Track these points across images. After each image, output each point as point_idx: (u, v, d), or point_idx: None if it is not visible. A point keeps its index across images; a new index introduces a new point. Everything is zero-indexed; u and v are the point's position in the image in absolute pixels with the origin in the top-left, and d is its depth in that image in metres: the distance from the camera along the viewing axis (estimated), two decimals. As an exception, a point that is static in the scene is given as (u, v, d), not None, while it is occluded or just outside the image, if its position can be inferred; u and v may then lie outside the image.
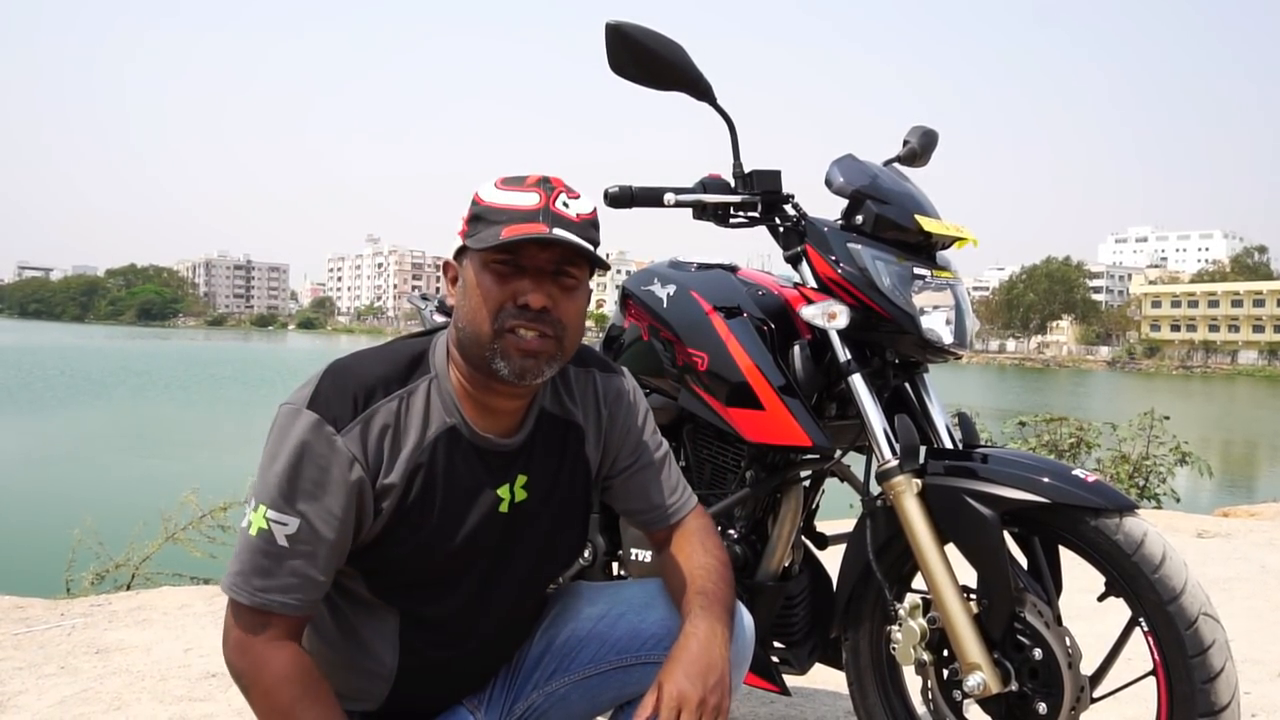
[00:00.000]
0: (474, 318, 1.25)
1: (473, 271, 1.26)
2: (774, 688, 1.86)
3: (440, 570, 1.31)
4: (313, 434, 1.20)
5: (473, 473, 1.31)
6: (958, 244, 1.80)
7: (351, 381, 1.25)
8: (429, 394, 1.29)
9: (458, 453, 1.29)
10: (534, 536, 1.38)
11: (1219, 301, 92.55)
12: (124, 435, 18.08)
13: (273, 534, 1.20)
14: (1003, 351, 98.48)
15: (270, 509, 1.20)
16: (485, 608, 1.36)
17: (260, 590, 1.20)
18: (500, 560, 1.35)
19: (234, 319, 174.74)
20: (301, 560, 1.20)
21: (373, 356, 1.31)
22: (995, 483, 1.54)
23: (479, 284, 1.25)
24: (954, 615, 1.56)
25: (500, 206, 1.25)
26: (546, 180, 1.28)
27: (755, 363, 1.75)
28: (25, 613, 3.29)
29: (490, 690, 1.44)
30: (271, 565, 1.20)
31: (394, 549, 1.27)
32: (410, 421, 1.27)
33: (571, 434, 1.42)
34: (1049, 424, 7.76)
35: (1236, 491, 12.60)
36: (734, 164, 1.81)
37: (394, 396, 1.26)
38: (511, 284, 1.24)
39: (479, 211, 1.26)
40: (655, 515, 1.48)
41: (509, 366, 1.25)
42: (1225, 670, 1.41)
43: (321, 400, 1.22)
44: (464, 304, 1.27)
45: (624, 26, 1.66)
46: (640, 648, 1.40)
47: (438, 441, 1.28)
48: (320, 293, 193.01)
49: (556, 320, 1.26)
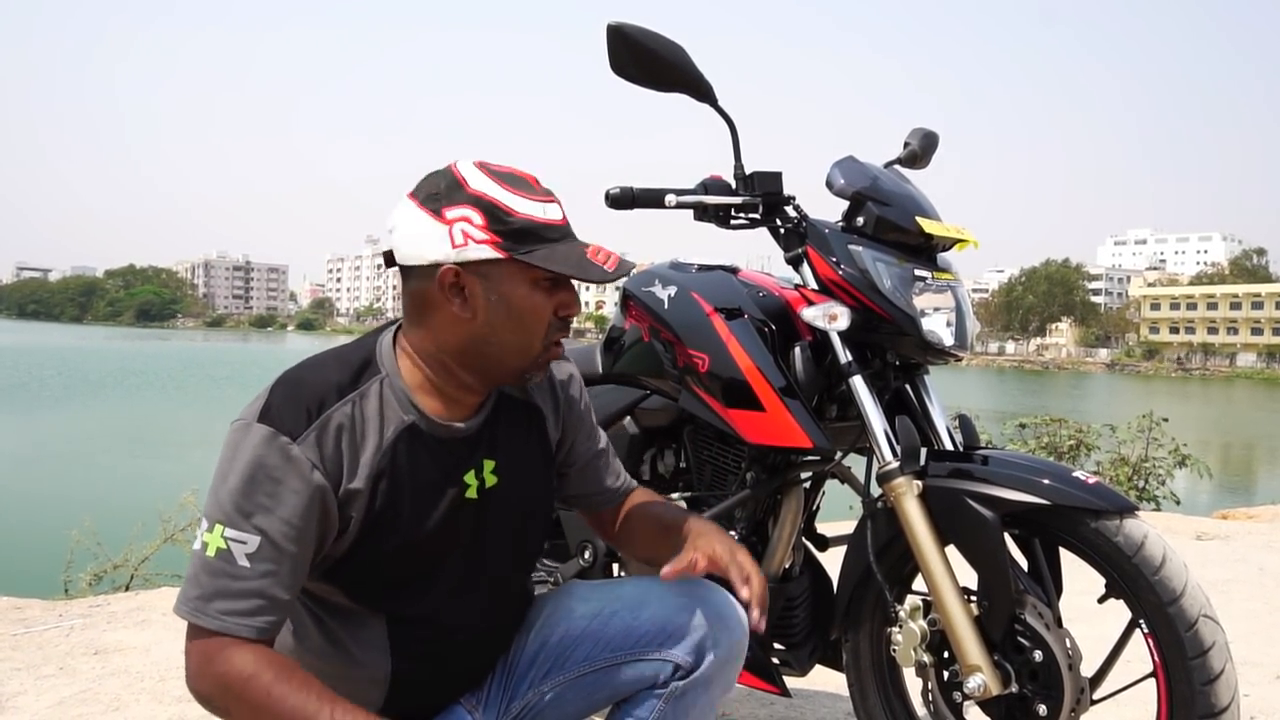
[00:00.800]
0: (524, 335, 1.26)
1: (520, 287, 1.24)
2: (774, 689, 1.86)
3: (418, 567, 1.31)
4: (267, 447, 1.17)
5: (437, 464, 1.30)
6: (958, 246, 1.81)
7: (303, 391, 1.23)
8: (381, 394, 1.28)
9: (419, 448, 1.28)
10: (506, 520, 1.38)
11: (1218, 304, 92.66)
12: (122, 436, 18.07)
13: (232, 554, 1.15)
14: (1002, 354, 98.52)
15: (228, 527, 1.16)
16: (469, 598, 1.36)
17: (224, 614, 1.15)
18: (477, 548, 1.35)
19: (233, 320, 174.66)
20: (264, 580, 1.16)
21: (320, 363, 1.29)
22: (996, 484, 1.54)
23: (531, 301, 1.25)
24: (954, 617, 1.56)
25: (543, 221, 1.24)
26: (542, 187, 1.29)
27: (756, 364, 1.75)
28: (24, 613, 3.29)
29: (487, 690, 1.44)
30: (232, 586, 1.16)
31: (370, 554, 1.26)
32: (367, 424, 1.25)
33: (533, 415, 1.43)
34: (1049, 426, 7.77)
35: (1235, 494, 12.61)
36: (735, 165, 1.81)
37: (346, 400, 1.24)
38: (555, 297, 1.27)
39: (521, 225, 1.22)
40: (606, 497, 1.56)
41: (539, 375, 1.31)
42: (1225, 672, 1.41)
43: (274, 412, 1.20)
44: (504, 322, 1.25)
45: (624, 27, 1.66)
46: (634, 645, 1.40)
47: (398, 441, 1.27)
48: (319, 294, 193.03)
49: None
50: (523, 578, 1.50)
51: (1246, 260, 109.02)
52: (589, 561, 2.13)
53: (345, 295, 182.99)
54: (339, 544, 1.24)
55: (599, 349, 2.14)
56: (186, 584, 1.18)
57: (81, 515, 4.92)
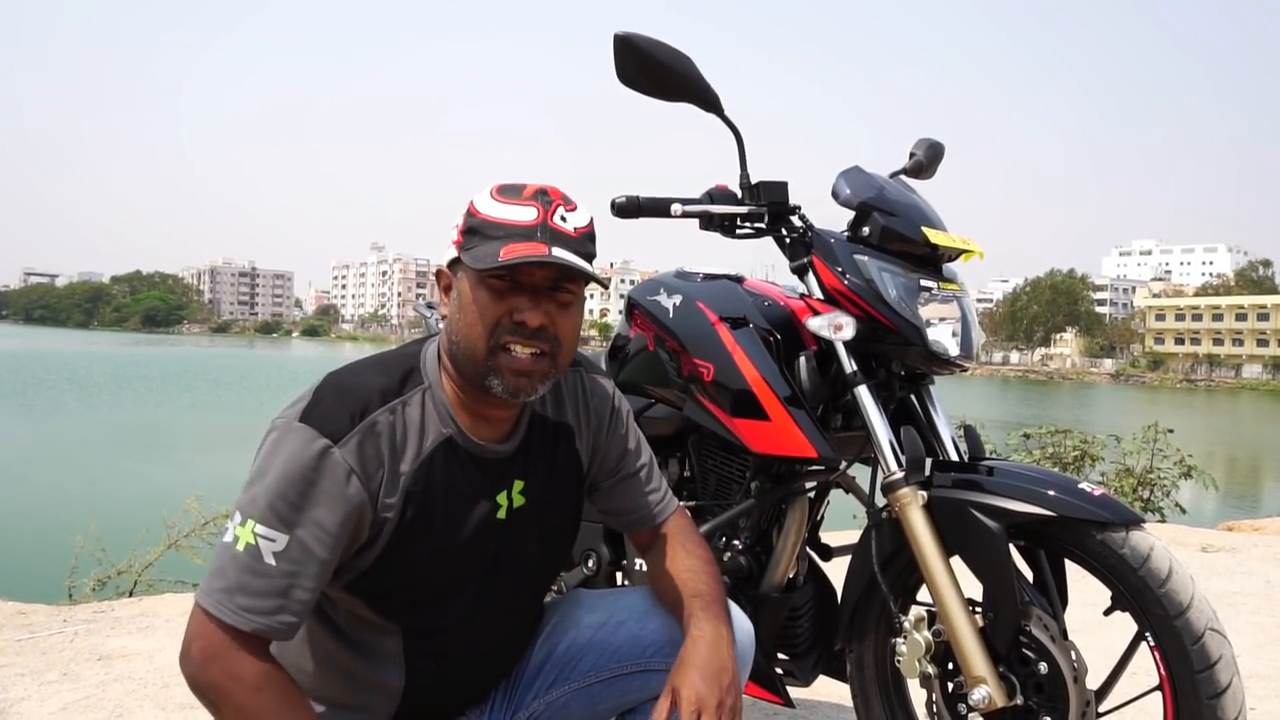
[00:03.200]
0: (469, 334, 1.24)
1: (468, 286, 1.24)
2: (778, 699, 1.85)
3: (441, 582, 1.30)
4: (308, 448, 1.17)
5: (470, 482, 1.30)
6: (964, 256, 1.81)
7: (347, 395, 1.23)
8: (424, 404, 1.28)
9: (455, 462, 1.28)
10: (530, 541, 1.37)
11: (1223, 315, 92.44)
12: (127, 441, 18.10)
13: (260, 550, 1.15)
14: (1006, 364, 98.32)
15: (259, 524, 1.16)
16: (487, 616, 1.36)
17: (243, 610, 1.15)
18: (499, 567, 1.35)
19: (239, 326, 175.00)
20: (287, 580, 1.16)
21: (366, 368, 1.29)
22: (1001, 495, 1.54)
23: (475, 300, 1.23)
24: (959, 628, 1.56)
25: (498, 221, 1.22)
26: (544, 192, 1.25)
27: (761, 373, 1.75)
28: (27, 619, 3.29)
29: (492, 700, 1.44)
30: (256, 583, 1.15)
31: (396, 565, 1.25)
32: (407, 433, 1.25)
33: (562, 434, 1.42)
34: (1054, 436, 7.75)
35: (1241, 506, 12.57)
36: (741, 175, 1.82)
37: (389, 408, 1.24)
38: (508, 301, 1.23)
39: (475, 224, 1.23)
40: (640, 517, 1.50)
41: (502, 384, 1.24)
42: (1232, 686, 1.40)
43: (318, 414, 1.20)
44: (458, 318, 1.25)
45: (632, 38, 1.67)
46: (641, 655, 1.40)
47: (435, 452, 1.27)
48: (325, 300, 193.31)
49: (553, 336, 1.25)
50: (541, 597, 1.49)
51: (1252, 271, 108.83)
52: (593, 570, 2.13)
53: (350, 302, 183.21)
54: (366, 553, 1.24)
55: (604, 358, 2.14)
56: (211, 575, 1.17)
57: (86, 520, 4.92)
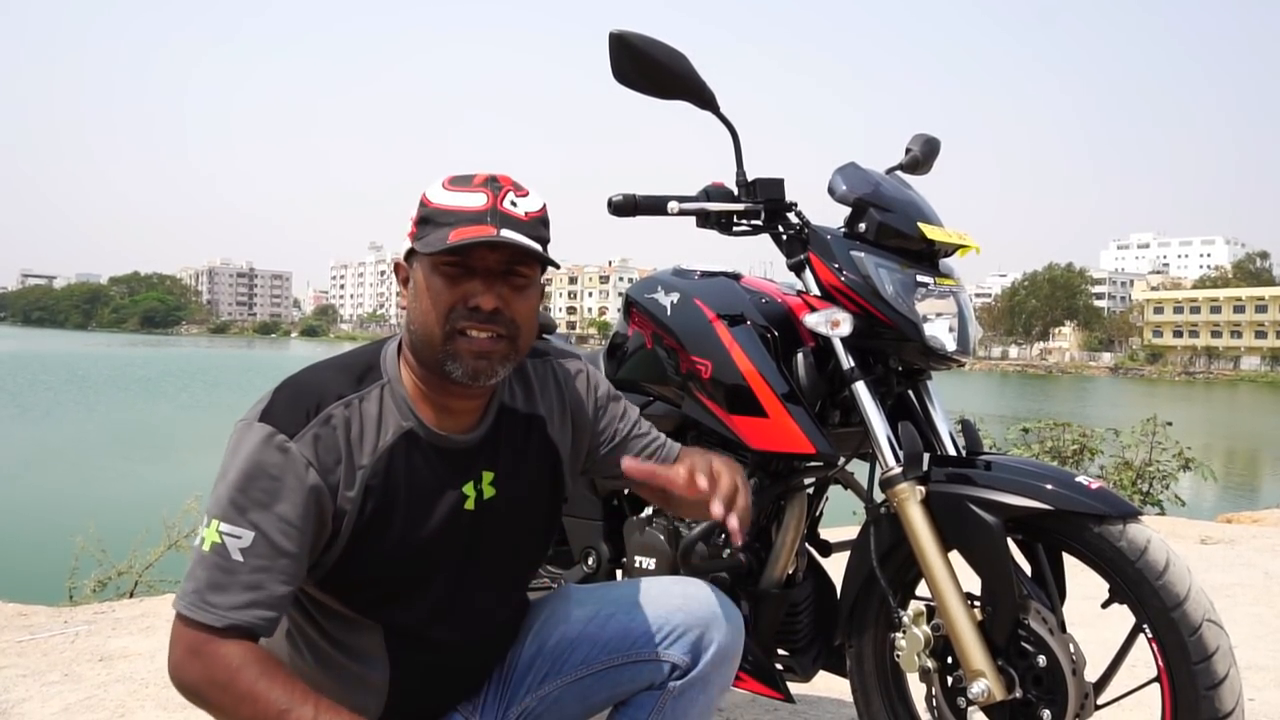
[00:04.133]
0: (425, 320, 1.25)
1: (422, 274, 1.26)
2: (778, 695, 1.86)
3: (412, 575, 1.31)
4: (265, 444, 1.20)
5: (434, 473, 1.31)
6: (960, 251, 1.81)
7: (303, 393, 1.26)
8: (382, 398, 1.29)
9: (417, 454, 1.29)
10: (504, 532, 1.38)
11: (1221, 307, 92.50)
12: (127, 441, 18.09)
13: (226, 548, 1.17)
14: (1005, 358, 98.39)
15: (223, 522, 1.18)
16: (466, 608, 1.36)
17: (214, 606, 1.16)
18: (471, 559, 1.35)
19: (237, 326, 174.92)
20: (256, 574, 1.17)
21: (324, 367, 1.32)
22: (999, 490, 1.54)
23: (429, 286, 1.25)
24: (958, 622, 1.56)
25: (447, 208, 1.24)
26: (494, 179, 1.27)
27: (759, 370, 1.76)
28: (28, 620, 3.29)
29: (484, 695, 1.45)
30: (226, 580, 1.17)
31: (363, 558, 1.27)
32: (365, 427, 1.27)
33: (534, 425, 1.42)
34: (1052, 430, 7.76)
35: (1239, 498, 12.58)
36: (737, 172, 1.82)
37: (344, 402, 1.27)
38: (461, 286, 1.24)
39: (426, 214, 1.26)
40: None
41: (461, 368, 1.25)
42: (1229, 677, 1.41)
43: (274, 412, 1.23)
44: (415, 306, 1.27)
45: (627, 36, 1.67)
46: (631, 647, 1.40)
47: (395, 445, 1.28)
48: (323, 300, 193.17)
49: (509, 320, 1.26)
50: (521, 589, 1.50)
51: (1250, 263, 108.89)
52: (592, 568, 2.14)
53: (349, 302, 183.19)
54: (332, 548, 1.25)
55: (602, 356, 2.15)
56: (185, 579, 1.20)
57: (86, 521, 4.92)
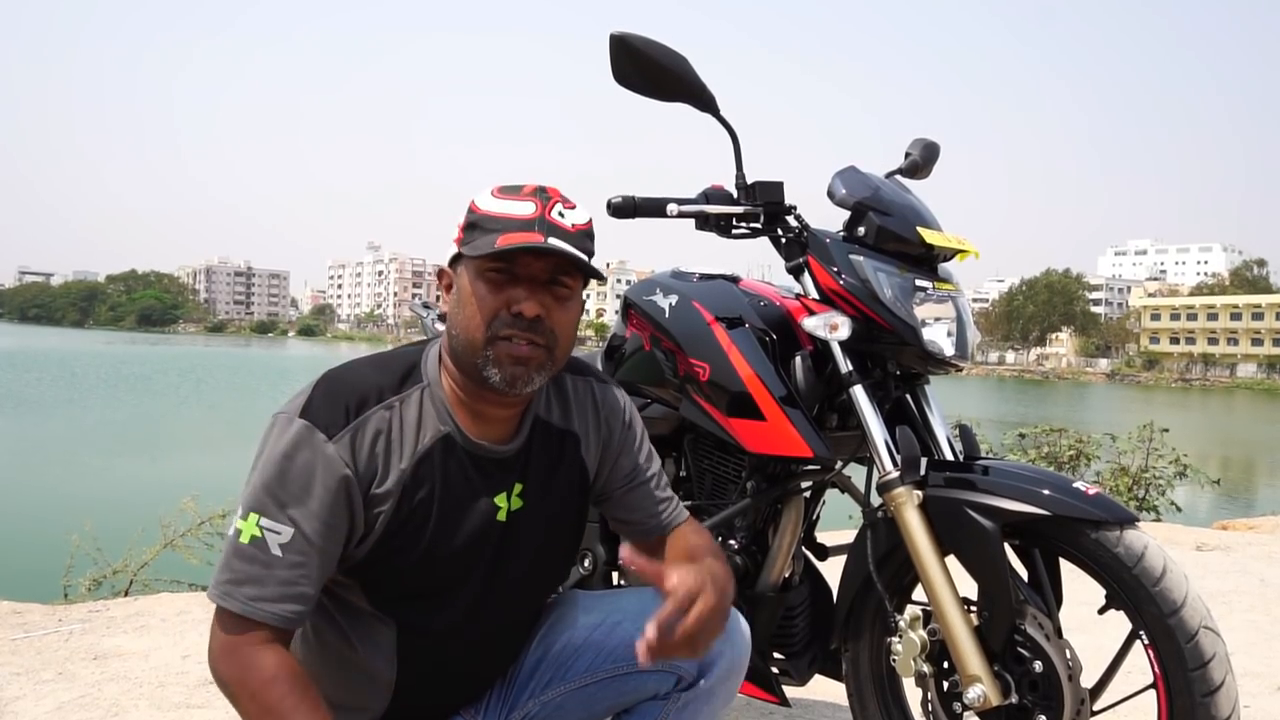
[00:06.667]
0: (468, 325, 1.26)
1: (468, 279, 1.27)
2: (773, 699, 1.85)
3: (438, 579, 1.31)
4: (304, 441, 1.21)
5: (468, 481, 1.31)
6: (959, 256, 1.81)
7: (344, 390, 1.26)
8: (422, 402, 1.30)
9: (453, 460, 1.30)
10: (530, 545, 1.38)
11: (1218, 314, 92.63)
12: (123, 440, 18.06)
13: (266, 542, 1.19)
14: (1002, 363, 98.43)
15: (263, 517, 1.19)
16: (483, 617, 1.36)
17: (252, 600, 1.19)
18: (497, 569, 1.35)
19: (234, 325, 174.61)
20: (293, 570, 1.19)
21: (366, 365, 1.32)
22: (996, 495, 1.54)
23: (474, 292, 1.26)
24: (954, 627, 1.56)
25: (496, 215, 1.25)
26: (543, 190, 1.28)
27: (757, 373, 1.76)
28: (23, 618, 3.28)
29: (487, 699, 1.44)
30: (263, 574, 1.19)
31: (393, 558, 1.27)
32: (404, 429, 1.27)
33: (568, 442, 1.42)
34: (1049, 435, 7.76)
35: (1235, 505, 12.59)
36: (736, 175, 1.82)
37: (386, 404, 1.27)
38: (506, 292, 1.25)
39: (475, 220, 1.27)
40: (651, 525, 1.49)
41: (500, 374, 1.25)
42: (1225, 683, 1.41)
43: (314, 409, 1.23)
44: (458, 311, 1.28)
45: (628, 37, 1.67)
46: (636, 656, 1.40)
47: (433, 449, 1.28)
48: (320, 300, 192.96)
49: (549, 329, 1.27)
50: (540, 602, 1.49)
51: (1247, 271, 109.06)
52: (589, 570, 2.14)
53: (346, 301, 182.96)
54: (364, 544, 1.26)
55: (600, 357, 2.15)
56: (219, 569, 1.21)
57: (81, 519, 4.91)
